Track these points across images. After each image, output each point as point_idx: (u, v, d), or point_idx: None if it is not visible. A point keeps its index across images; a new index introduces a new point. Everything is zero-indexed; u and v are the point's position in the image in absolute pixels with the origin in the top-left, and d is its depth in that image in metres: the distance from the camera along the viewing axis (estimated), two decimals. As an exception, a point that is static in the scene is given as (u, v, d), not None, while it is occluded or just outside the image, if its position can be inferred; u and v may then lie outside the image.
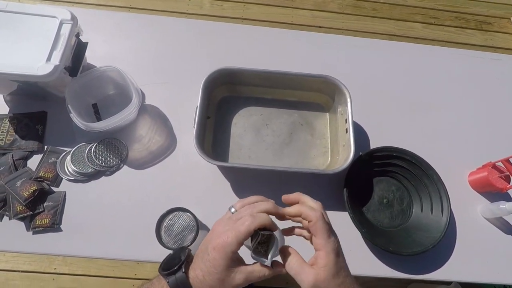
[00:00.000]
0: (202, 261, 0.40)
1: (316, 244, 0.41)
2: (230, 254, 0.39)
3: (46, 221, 0.62)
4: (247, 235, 0.39)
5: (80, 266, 1.27)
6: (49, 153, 0.68)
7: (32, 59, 0.61)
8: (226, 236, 0.39)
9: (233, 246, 0.38)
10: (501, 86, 0.87)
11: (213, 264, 0.39)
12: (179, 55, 0.82)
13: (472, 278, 0.68)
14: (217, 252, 0.39)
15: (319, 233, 0.40)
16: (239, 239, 0.38)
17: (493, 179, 0.69)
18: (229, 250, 0.38)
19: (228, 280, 0.39)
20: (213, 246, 0.39)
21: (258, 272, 0.40)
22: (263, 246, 0.41)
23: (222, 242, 0.39)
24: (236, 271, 0.39)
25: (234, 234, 0.39)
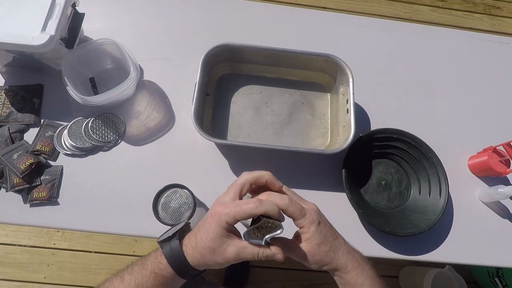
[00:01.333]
0: (198, 228, 0.41)
1: (297, 225, 0.42)
2: (225, 224, 0.38)
3: (43, 194, 0.62)
4: (247, 215, 0.38)
5: (79, 242, 1.29)
6: (46, 126, 0.67)
7: (26, 28, 0.59)
8: (227, 207, 0.39)
9: (229, 218, 0.38)
10: (507, 70, 0.85)
11: (207, 230, 0.39)
12: (179, 31, 0.80)
13: (466, 260, 0.68)
14: (213, 218, 0.39)
15: (295, 216, 0.41)
16: (237, 215, 0.38)
17: (493, 163, 0.69)
18: (223, 220, 0.38)
19: (219, 250, 0.39)
20: (211, 213, 0.40)
21: (252, 249, 0.39)
22: (260, 231, 0.40)
23: (221, 210, 0.39)
24: (228, 243, 0.39)
25: (235, 209, 0.38)
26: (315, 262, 0.42)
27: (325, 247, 0.41)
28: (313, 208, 0.43)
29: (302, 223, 0.41)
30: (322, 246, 0.41)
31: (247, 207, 0.38)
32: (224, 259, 0.39)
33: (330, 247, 0.42)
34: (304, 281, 1.32)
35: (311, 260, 0.41)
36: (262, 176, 0.42)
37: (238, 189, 0.41)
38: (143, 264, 0.41)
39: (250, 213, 0.38)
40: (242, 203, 0.39)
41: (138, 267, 0.41)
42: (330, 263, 0.42)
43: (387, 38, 0.86)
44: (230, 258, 0.39)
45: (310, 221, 0.41)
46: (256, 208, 0.38)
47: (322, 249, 0.41)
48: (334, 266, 0.42)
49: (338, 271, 0.42)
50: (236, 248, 0.39)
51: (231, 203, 0.39)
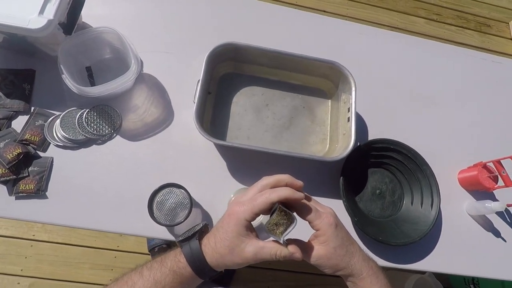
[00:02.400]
0: (217, 229, 0.41)
1: (313, 227, 0.42)
2: (243, 221, 0.39)
3: (31, 186, 0.59)
4: (264, 206, 0.39)
5: (60, 234, 1.24)
6: (36, 115, 0.64)
7: (22, 10, 0.55)
8: (243, 204, 0.40)
9: (247, 213, 0.39)
10: (499, 89, 0.88)
11: (225, 229, 0.40)
12: (184, 25, 0.78)
13: (450, 270, 0.71)
14: (231, 218, 0.40)
15: (310, 217, 0.41)
16: (254, 209, 0.39)
17: (482, 178, 0.71)
18: (242, 217, 0.39)
19: (237, 250, 0.39)
20: (229, 213, 0.41)
21: (270, 249, 0.39)
22: (279, 227, 0.40)
23: (238, 209, 0.40)
24: (247, 243, 0.39)
25: (251, 204, 0.39)
26: (330, 267, 0.41)
27: (341, 251, 0.41)
28: (330, 211, 0.43)
29: (318, 225, 0.41)
30: (338, 250, 0.41)
31: (262, 198, 0.39)
32: (243, 259, 0.39)
33: (346, 251, 0.41)
34: (289, 282, 1.33)
35: (326, 264, 0.41)
36: (282, 179, 0.42)
37: (258, 190, 0.41)
38: (162, 262, 0.41)
39: (265, 201, 0.39)
40: (257, 197, 0.40)
41: (158, 264, 0.41)
42: (345, 268, 0.41)
43: (387, 49, 0.87)
44: (248, 258, 0.39)
45: (327, 224, 0.41)
46: (269, 195, 0.39)
47: (338, 253, 0.41)
48: (349, 271, 0.42)
49: (352, 277, 0.42)
50: (254, 248, 0.39)
51: (246, 201, 0.40)
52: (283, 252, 0.39)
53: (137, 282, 0.40)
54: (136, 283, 0.40)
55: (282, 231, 0.40)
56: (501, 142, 0.82)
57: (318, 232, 0.41)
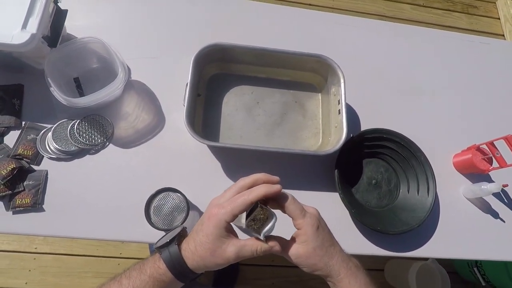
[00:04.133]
0: (196, 232, 0.41)
1: (296, 225, 0.43)
2: (224, 223, 0.39)
3: (27, 200, 0.59)
4: (243, 207, 0.39)
5: (62, 246, 1.24)
6: (28, 129, 0.64)
7: (5, 26, 0.56)
8: (223, 206, 0.40)
9: (227, 215, 0.39)
10: (488, 70, 0.89)
11: (205, 233, 0.40)
12: (169, 29, 0.78)
13: (451, 255, 0.71)
14: (210, 221, 0.40)
15: (294, 214, 0.42)
16: (234, 210, 0.39)
17: (476, 161, 0.72)
18: (222, 219, 0.39)
19: (219, 251, 0.39)
20: (208, 216, 0.40)
21: (251, 246, 0.40)
22: (257, 223, 0.41)
23: (217, 211, 0.40)
24: (228, 243, 0.40)
25: (231, 205, 0.39)
26: (308, 266, 0.42)
27: (320, 252, 0.42)
28: (314, 212, 0.44)
29: (301, 224, 0.42)
30: (317, 251, 0.42)
31: (241, 199, 0.39)
32: (225, 260, 0.40)
33: (325, 252, 0.42)
34: (292, 278, 1.34)
35: (304, 263, 0.42)
36: (258, 178, 0.42)
37: (235, 192, 0.42)
38: (141, 269, 0.41)
39: (245, 203, 0.39)
40: (236, 198, 0.40)
41: (136, 272, 0.41)
42: (323, 269, 0.42)
43: (375, 39, 0.87)
44: (230, 258, 0.40)
45: (309, 224, 0.42)
46: (248, 196, 0.39)
47: (317, 254, 0.42)
48: (327, 272, 0.42)
49: (330, 278, 0.43)
50: (235, 247, 0.40)
51: (226, 202, 0.40)
52: (263, 248, 0.41)
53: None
54: None
55: (262, 227, 0.41)
56: (494, 123, 0.82)
57: (299, 231, 0.42)
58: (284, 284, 1.34)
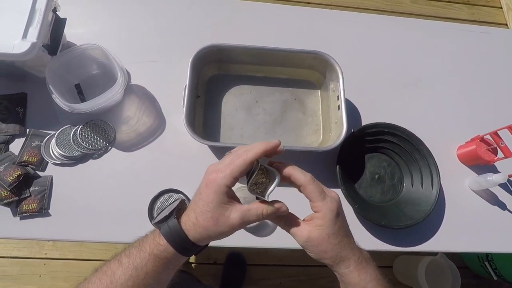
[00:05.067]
0: (195, 202, 0.38)
1: (313, 207, 0.39)
2: (224, 188, 0.36)
3: (33, 206, 0.60)
4: (242, 168, 0.36)
5: (71, 251, 1.26)
6: (32, 136, 0.65)
7: (6, 36, 0.57)
8: (220, 170, 0.37)
9: (227, 179, 0.36)
10: (490, 60, 0.87)
11: (205, 201, 0.37)
12: (166, 32, 0.79)
13: (460, 248, 0.70)
14: (209, 187, 0.37)
15: (313, 196, 0.39)
16: (234, 173, 0.36)
17: (481, 152, 0.71)
18: (222, 184, 0.36)
19: (222, 219, 0.37)
20: (205, 183, 0.37)
21: (256, 210, 0.37)
22: (259, 186, 0.38)
23: (215, 176, 0.37)
24: (231, 209, 0.37)
25: (230, 168, 0.36)
26: (316, 253, 0.39)
27: (334, 240, 0.38)
28: (335, 197, 0.40)
29: (319, 207, 0.38)
30: (331, 238, 0.38)
31: (239, 160, 0.36)
32: (229, 227, 0.37)
33: (339, 242, 0.39)
34: (301, 277, 1.34)
35: (313, 248, 0.39)
36: (257, 144, 0.39)
37: (233, 157, 0.38)
38: (140, 247, 0.39)
39: (244, 163, 0.36)
40: (234, 160, 0.37)
41: (136, 250, 0.39)
42: (332, 258, 0.39)
43: (374, 33, 0.87)
44: (235, 225, 0.37)
45: (329, 209, 0.38)
46: (246, 155, 0.36)
47: (331, 241, 0.38)
48: (335, 262, 0.39)
49: (338, 268, 0.40)
50: (239, 212, 0.37)
51: (223, 167, 0.37)
52: (269, 210, 0.38)
53: (116, 271, 0.37)
54: (115, 272, 0.37)
55: (266, 189, 0.38)
56: (497, 113, 0.81)
57: (317, 214, 0.39)
58: (292, 283, 1.33)
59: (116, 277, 0.37)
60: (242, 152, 0.37)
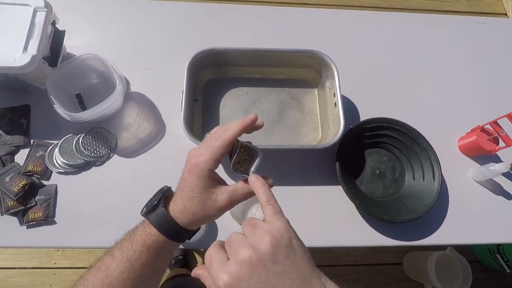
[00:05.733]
0: (181, 190, 0.38)
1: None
2: (207, 172, 0.36)
3: (39, 214, 0.61)
4: (222, 149, 0.36)
5: (80, 259, 1.27)
6: (36, 146, 0.67)
7: (7, 50, 0.59)
8: (201, 154, 0.36)
9: (209, 163, 0.36)
10: (487, 50, 0.87)
11: (190, 188, 0.36)
12: (163, 39, 0.80)
13: (465, 240, 0.70)
14: (192, 173, 0.36)
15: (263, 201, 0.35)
16: (215, 155, 0.36)
17: (482, 142, 0.70)
18: (204, 168, 0.36)
19: (209, 202, 0.36)
20: (188, 169, 0.37)
21: (242, 189, 0.37)
22: (243, 164, 0.38)
23: (196, 161, 0.36)
24: (217, 192, 0.37)
25: (209, 151, 0.36)
26: None
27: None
28: (273, 229, 0.31)
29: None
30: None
31: (218, 141, 0.36)
32: (217, 209, 0.37)
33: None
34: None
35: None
36: (233, 124, 0.38)
37: (212, 139, 0.38)
38: (132, 239, 0.39)
39: (223, 143, 0.36)
40: (213, 142, 0.36)
41: (128, 242, 0.39)
42: None
43: (369, 29, 0.87)
44: (223, 206, 0.37)
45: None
46: (225, 136, 0.36)
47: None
48: None
49: None
50: (226, 194, 0.37)
51: (203, 150, 0.37)
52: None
53: (110, 265, 0.38)
54: (109, 266, 0.38)
55: (249, 166, 0.38)
56: (495, 102, 0.80)
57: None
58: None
59: (110, 271, 0.37)
60: (221, 133, 0.37)
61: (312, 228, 0.66)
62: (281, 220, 0.32)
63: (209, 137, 0.39)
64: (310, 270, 0.30)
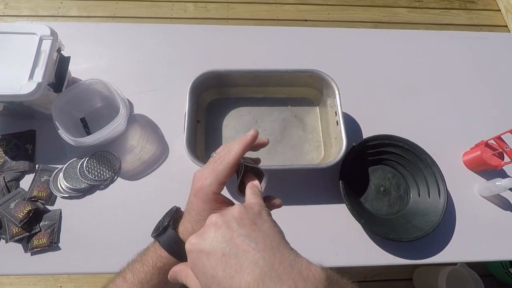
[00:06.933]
0: (188, 212, 0.38)
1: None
2: (212, 195, 0.36)
3: (43, 241, 0.61)
4: (226, 172, 0.36)
5: (85, 282, 1.26)
6: (41, 171, 0.67)
7: (14, 78, 0.60)
8: (204, 178, 0.36)
9: (213, 186, 0.36)
10: (488, 64, 0.87)
11: (197, 211, 0.36)
12: (165, 62, 0.82)
13: (475, 257, 0.68)
14: (198, 197, 0.36)
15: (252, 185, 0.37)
16: (219, 178, 0.36)
17: (486, 157, 0.70)
18: (209, 192, 0.36)
19: None
20: (193, 193, 0.37)
21: None
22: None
23: (201, 185, 0.36)
24: None
25: (213, 174, 0.36)
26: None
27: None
28: (233, 209, 0.32)
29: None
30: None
31: (222, 164, 0.36)
32: None
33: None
34: None
35: None
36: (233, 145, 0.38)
37: (215, 161, 0.37)
38: (143, 261, 0.39)
39: (227, 166, 0.36)
40: (217, 165, 0.36)
41: (139, 264, 0.39)
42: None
43: (369, 46, 0.88)
44: None
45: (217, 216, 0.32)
46: (228, 158, 0.36)
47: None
48: None
49: None
50: None
51: (207, 174, 0.36)
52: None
53: (122, 287, 0.38)
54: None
55: None
56: (499, 117, 0.80)
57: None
58: None
59: None
60: (224, 155, 0.37)
61: (317, 248, 0.65)
62: (257, 199, 0.34)
63: (214, 158, 0.38)
64: (279, 239, 0.29)
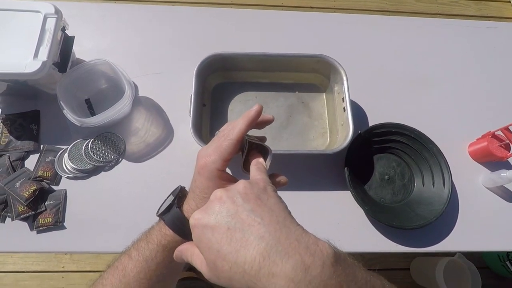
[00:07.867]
0: (193, 191, 0.38)
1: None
2: (216, 172, 0.36)
3: (49, 220, 0.62)
4: (230, 149, 0.36)
5: (88, 263, 1.28)
6: (46, 152, 0.67)
7: (18, 56, 0.59)
8: (209, 155, 0.36)
9: (217, 163, 0.36)
10: (498, 55, 0.86)
11: (201, 189, 0.36)
12: (170, 44, 0.80)
13: (475, 247, 0.68)
14: (202, 174, 0.36)
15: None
16: (223, 155, 0.36)
17: (493, 148, 0.69)
18: (213, 169, 0.36)
19: None
20: (198, 171, 0.37)
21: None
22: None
23: (204, 162, 0.36)
24: None
25: (217, 151, 0.36)
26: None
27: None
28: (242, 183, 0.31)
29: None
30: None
31: (226, 141, 0.36)
32: None
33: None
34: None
35: None
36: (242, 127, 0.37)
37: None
38: (148, 239, 0.39)
39: (231, 143, 0.36)
40: (221, 142, 0.36)
41: (144, 242, 0.39)
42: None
43: (378, 33, 0.87)
44: None
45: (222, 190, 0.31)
46: (232, 135, 0.36)
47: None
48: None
49: None
50: None
51: (212, 151, 0.36)
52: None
53: (127, 265, 0.38)
54: (126, 266, 0.38)
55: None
56: (507, 108, 0.79)
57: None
58: None
59: (127, 271, 0.38)
60: (228, 132, 0.36)
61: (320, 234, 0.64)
62: (262, 175, 0.33)
63: (218, 135, 0.38)
64: (285, 215, 0.29)
